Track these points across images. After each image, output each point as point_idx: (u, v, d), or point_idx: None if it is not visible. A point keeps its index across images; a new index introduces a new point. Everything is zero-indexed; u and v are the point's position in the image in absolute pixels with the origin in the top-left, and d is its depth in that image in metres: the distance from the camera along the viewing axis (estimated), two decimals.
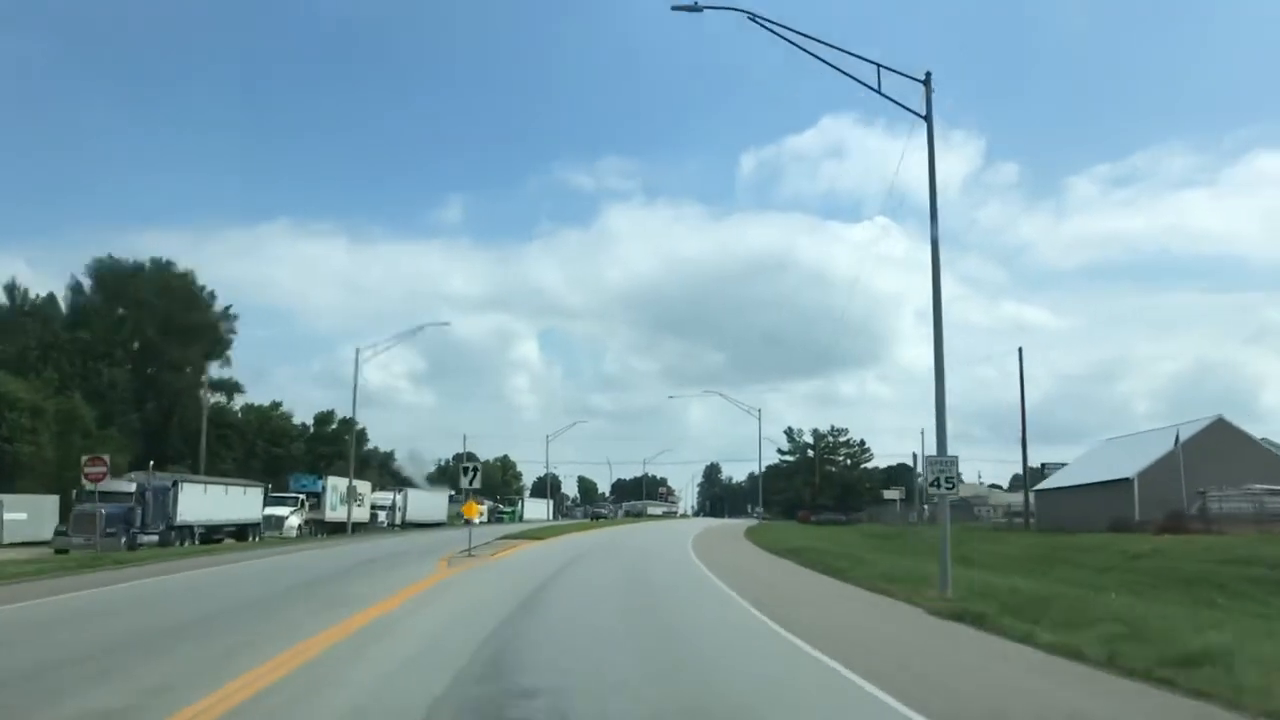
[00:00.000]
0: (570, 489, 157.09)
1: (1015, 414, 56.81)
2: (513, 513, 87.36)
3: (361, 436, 78.89)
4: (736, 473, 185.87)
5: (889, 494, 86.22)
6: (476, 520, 52.98)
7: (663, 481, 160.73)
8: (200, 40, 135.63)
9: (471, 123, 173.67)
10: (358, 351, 54.98)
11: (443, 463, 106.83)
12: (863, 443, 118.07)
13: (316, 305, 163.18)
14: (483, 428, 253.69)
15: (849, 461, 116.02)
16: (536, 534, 45.22)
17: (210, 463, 55.19)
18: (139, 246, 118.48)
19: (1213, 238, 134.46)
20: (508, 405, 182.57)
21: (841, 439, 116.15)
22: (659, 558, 28.98)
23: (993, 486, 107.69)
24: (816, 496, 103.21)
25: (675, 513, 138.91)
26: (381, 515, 58.34)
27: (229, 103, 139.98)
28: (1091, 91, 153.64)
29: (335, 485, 52.34)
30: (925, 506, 74.20)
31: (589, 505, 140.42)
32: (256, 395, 76.98)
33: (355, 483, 53.46)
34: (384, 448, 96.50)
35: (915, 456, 75.87)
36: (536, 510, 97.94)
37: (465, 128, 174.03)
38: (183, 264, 66.59)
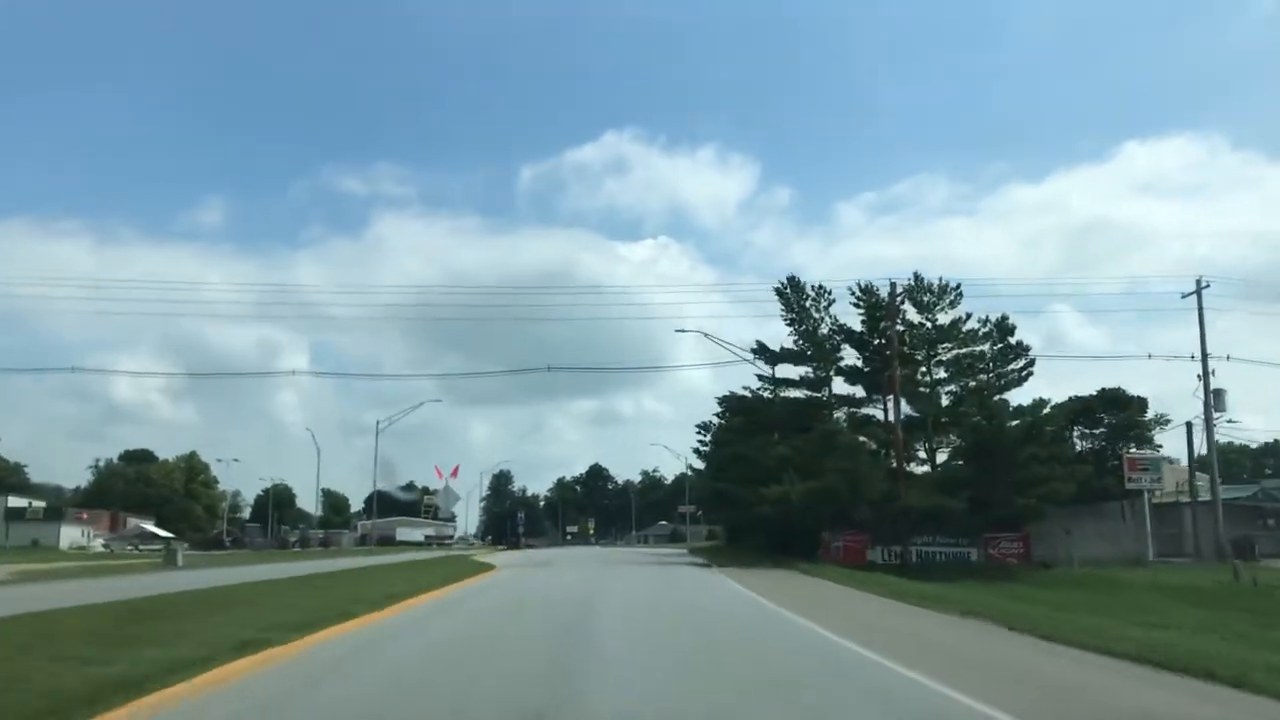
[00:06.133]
0: (308, 503, 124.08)
1: None
2: None
3: None
4: (535, 483, 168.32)
5: (1137, 482, 39.05)
6: None
7: (433, 493, 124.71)
8: None
9: (232, 119, 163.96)
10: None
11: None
12: (1006, 331, 42.26)
13: (59, 312, 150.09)
14: (248, 445, 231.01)
15: (986, 392, 41.64)
16: None
17: None
18: None
19: (969, 264, 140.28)
20: (275, 422, 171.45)
21: (949, 324, 41.66)
22: None
23: None
24: (900, 493, 37.62)
25: (447, 537, 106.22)
26: None
27: None
28: (858, 121, 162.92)
29: None
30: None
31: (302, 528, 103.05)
32: None
33: None
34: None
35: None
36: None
37: (225, 123, 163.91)
38: None
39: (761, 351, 43.22)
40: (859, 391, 42.94)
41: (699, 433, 55.81)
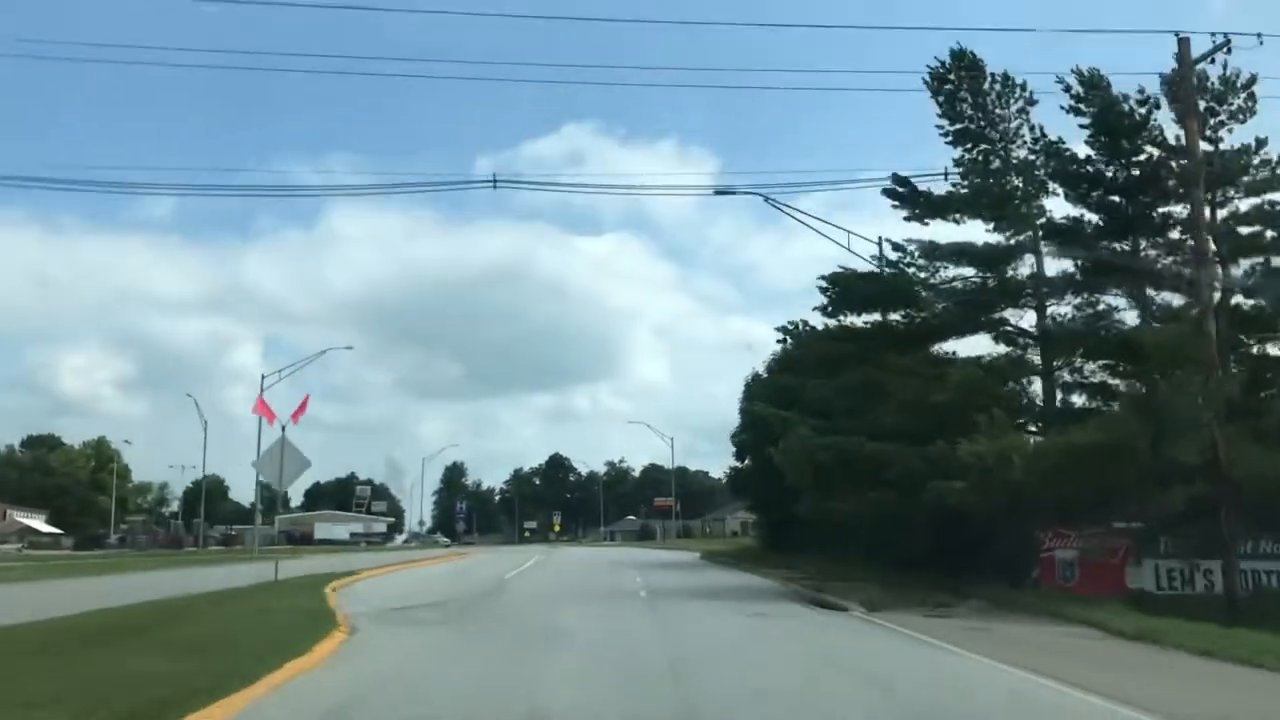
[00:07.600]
0: (243, 493, 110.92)
1: None
2: None
3: None
4: (492, 477, 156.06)
5: None
6: None
7: (376, 486, 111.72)
8: None
9: (181, 105, 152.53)
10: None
11: None
12: None
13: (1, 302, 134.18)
14: (198, 439, 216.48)
15: None
16: None
17: None
18: None
19: None
20: (225, 417, 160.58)
21: (1238, 151, 20.55)
22: None
23: None
24: (1219, 454, 15.76)
25: (377, 535, 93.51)
26: None
27: None
28: (811, 116, 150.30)
29: None
30: None
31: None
32: None
33: None
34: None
35: None
36: None
37: (174, 110, 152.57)
38: None
39: (902, 196, 22.29)
40: (1075, 271, 22.88)
41: (780, 340, 35.41)
